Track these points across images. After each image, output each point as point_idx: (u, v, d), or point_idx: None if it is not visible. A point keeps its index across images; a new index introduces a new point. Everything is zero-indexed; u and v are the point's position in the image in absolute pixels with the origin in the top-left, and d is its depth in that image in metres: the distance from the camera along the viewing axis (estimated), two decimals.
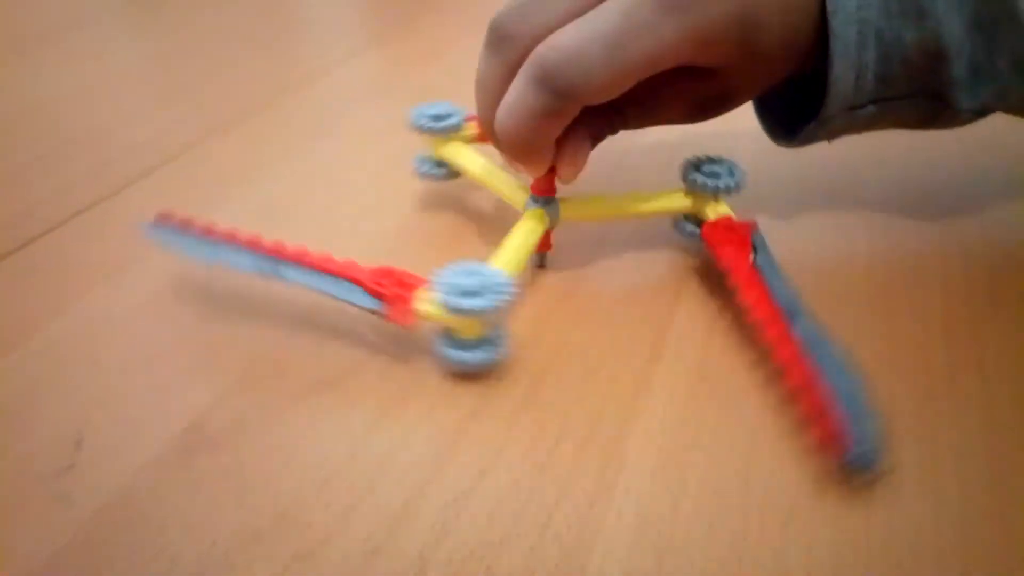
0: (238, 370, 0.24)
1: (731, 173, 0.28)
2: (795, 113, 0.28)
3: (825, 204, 0.32)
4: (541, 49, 0.23)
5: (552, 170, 0.26)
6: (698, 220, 0.29)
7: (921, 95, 0.26)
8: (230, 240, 0.26)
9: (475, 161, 0.31)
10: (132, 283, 0.28)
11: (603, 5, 0.23)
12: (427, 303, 0.23)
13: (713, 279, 0.27)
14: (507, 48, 0.24)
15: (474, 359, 0.24)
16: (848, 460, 0.20)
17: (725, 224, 0.27)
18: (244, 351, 0.25)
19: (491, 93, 0.25)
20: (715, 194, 0.28)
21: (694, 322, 0.26)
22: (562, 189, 0.27)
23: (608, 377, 0.24)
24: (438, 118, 0.31)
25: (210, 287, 0.28)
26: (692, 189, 0.28)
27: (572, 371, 0.24)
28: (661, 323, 0.26)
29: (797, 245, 0.29)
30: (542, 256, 0.29)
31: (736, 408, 0.23)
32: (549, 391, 0.24)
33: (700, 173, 0.28)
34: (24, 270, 0.29)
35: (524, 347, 0.25)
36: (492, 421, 0.23)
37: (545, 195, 0.27)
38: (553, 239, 0.28)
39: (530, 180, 0.27)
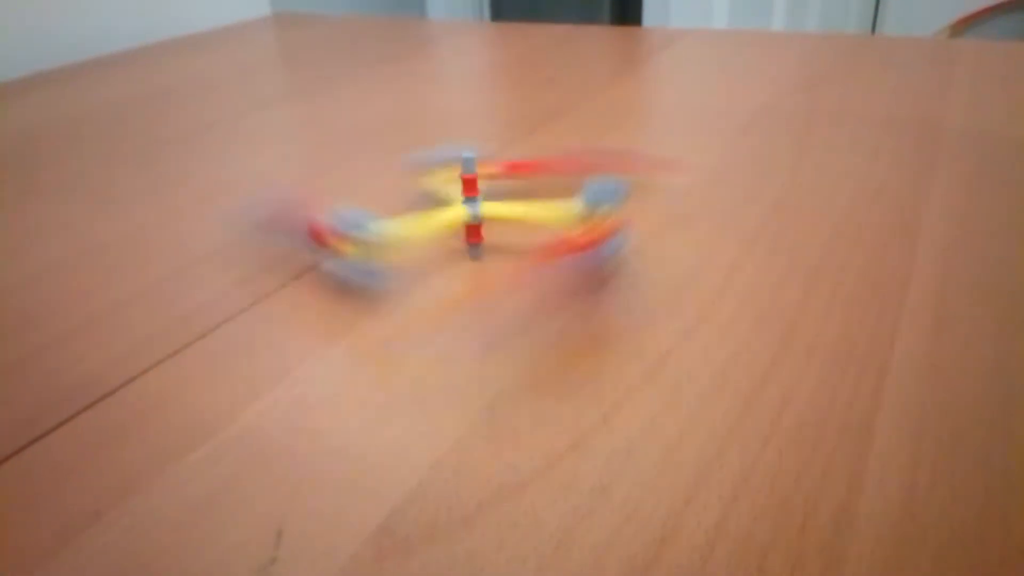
0: (424, 471, 0.25)
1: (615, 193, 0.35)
2: None
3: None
4: None
5: (475, 177, 0.35)
6: None
7: None
8: None
9: (440, 187, 0.40)
10: (324, 371, 0.29)
11: None
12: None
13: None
14: None
15: None
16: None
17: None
18: (429, 452, 0.26)
19: None
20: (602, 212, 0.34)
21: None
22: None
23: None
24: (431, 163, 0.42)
25: (394, 381, 0.29)
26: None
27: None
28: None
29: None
30: (476, 247, 0.35)
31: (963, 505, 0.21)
32: (761, 475, 0.23)
33: (593, 193, 0.34)
34: (216, 355, 0.31)
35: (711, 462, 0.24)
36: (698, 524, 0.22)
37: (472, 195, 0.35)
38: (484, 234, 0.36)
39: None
